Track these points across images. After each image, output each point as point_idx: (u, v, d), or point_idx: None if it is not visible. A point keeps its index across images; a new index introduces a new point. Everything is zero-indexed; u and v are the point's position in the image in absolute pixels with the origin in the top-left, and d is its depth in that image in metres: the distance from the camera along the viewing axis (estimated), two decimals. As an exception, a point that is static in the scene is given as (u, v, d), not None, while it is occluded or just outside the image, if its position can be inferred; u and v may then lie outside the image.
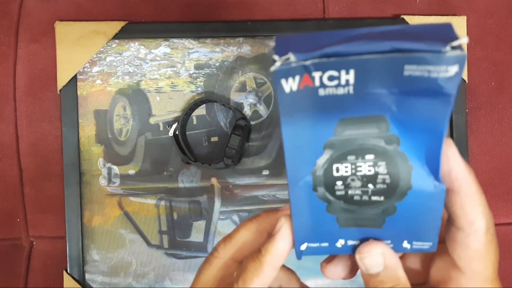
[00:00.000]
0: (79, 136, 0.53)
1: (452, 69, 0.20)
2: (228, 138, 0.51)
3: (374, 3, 0.55)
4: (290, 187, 0.25)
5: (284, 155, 0.24)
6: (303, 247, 0.27)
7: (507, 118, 0.56)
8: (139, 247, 0.53)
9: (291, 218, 0.26)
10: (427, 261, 0.29)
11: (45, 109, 0.54)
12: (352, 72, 0.20)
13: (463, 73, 0.54)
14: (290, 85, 0.21)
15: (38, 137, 0.54)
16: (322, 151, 0.24)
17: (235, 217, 0.54)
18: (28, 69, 0.54)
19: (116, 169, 0.53)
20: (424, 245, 0.26)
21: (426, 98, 0.21)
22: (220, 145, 0.54)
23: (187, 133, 0.54)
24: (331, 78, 0.21)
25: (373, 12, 0.55)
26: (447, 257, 0.27)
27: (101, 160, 0.53)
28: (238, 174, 0.54)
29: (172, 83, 0.53)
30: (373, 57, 0.20)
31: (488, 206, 0.26)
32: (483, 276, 0.26)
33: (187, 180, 0.54)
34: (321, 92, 0.21)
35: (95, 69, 0.53)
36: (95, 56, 0.53)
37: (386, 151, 0.23)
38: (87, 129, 0.53)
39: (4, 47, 0.54)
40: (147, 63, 0.53)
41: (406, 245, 0.26)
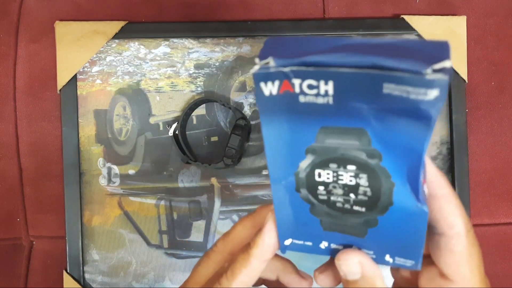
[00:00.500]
0: (79, 136, 0.53)
1: (432, 93, 0.18)
2: (228, 138, 0.51)
3: (374, 3, 0.55)
4: (272, 184, 0.25)
5: (266, 156, 0.24)
6: (288, 242, 0.27)
7: (507, 118, 0.56)
8: (139, 247, 0.53)
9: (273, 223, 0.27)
10: (415, 273, 0.29)
11: (45, 109, 0.54)
12: (330, 83, 0.20)
13: (463, 70, 0.54)
14: (269, 88, 0.21)
15: (38, 137, 0.54)
16: (304, 155, 0.23)
17: (235, 217, 0.54)
18: (28, 69, 0.54)
19: (116, 169, 0.53)
20: (406, 262, 0.26)
21: (406, 118, 0.20)
22: (220, 145, 0.54)
23: (187, 133, 0.54)
24: (310, 87, 0.20)
25: (373, 12, 0.55)
26: (434, 268, 0.27)
27: (101, 160, 0.53)
28: (238, 174, 0.54)
29: (172, 83, 0.53)
30: (350, 71, 0.19)
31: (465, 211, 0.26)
32: (471, 281, 0.26)
33: (187, 180, 0.54)
34: (302, 99, 0.21)
35: (95, 69, 0.53)
36: (95, 56, 0.53)
37: (367, 164, 0.23)
38: (87, 129, 0.53)
39: (4, 47, 0.54)
40: (147, 63, 0.53)
41: (388, 258, 0.26)
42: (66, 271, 0.52)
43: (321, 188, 0.24)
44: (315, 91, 0.20)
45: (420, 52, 0.19)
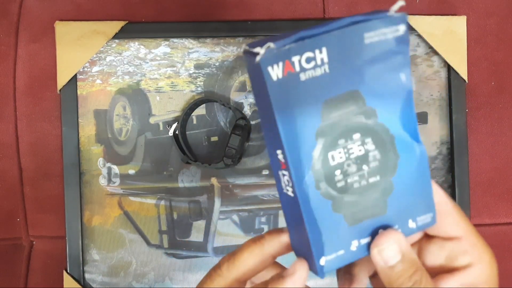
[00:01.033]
0: (79, 136, 0.53)
1: (401, 28, 0.24)
2: (228, 137, 0.51)
3: (374, 3, 0.55)
4: (297, 190, 0.24)
5: (283, 150, 0.23)
6: (322, 261, 0.26)
7: (507, 118, 0.56)
8: (139, 247, 0.53)
9: (305, 261, 0.26)
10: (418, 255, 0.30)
11: (45, 109, 0.54)
12: (324, 50, 0.22)
13: (463, 70, 0.54)
14: (276, 72, 0.22)
15: (38, 137, 0.54)
16: (315, 142, 0.24)
17: (235, 217, 0.54)
18: (28, 69, 0.54)
19: (116, 169, 0.53)
20: (426, 218, 0.27)
21: (387, 60, 0.24)
22: (220, 145, 0.54)
23: (187, 133, 0.54)
24: (308, 60, 0.22)
25: (373, 12, 0.55)
26: (436, 241, 0.28)
27: (101, 160, 0.53)
28: (238, 174, 0.54)
29: (172, 83, 0.53)
30: (337, 32, 0.22)
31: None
32: (473, 232, 0.28)
33: (187, 180, 0.54)
34: (302, 77, 0.23)
35: (95, 69, 0.53)
36: (95, 56, 0.53)
37: (368, 126, 0.24)
38: (87, 129, 0.53)
39: (4, 47, 0.54)
40: (147, 62, 0.53)
41: (412, 224, 0.27)
42: (66, 271, 0.52)
43: (338, 172, 0.25)
44: (313, 63, 0.23)
45: (374, 12, 0.24)
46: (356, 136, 0.24)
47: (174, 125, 0.52)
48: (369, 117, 0.24)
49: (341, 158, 0.24)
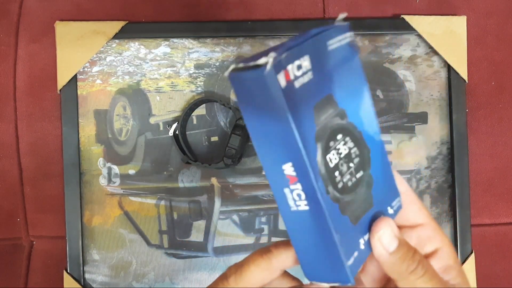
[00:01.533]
0: (79, 136, 0.53)
1: (349, 35, 0.27)
2: (228, 137, 0.51)
3: (374, 3, 0.55)
4: (320, 197, 0.24)
5: (302, 163, 0.23)
6: (350, 262, 0.25)
7: (507, 118, 0.56)
8: (139, 247, 0.53)
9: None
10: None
11: (45, 109, 0.54)
12: (307, 57, 0.24)
13: (463, 70, 0.54)
14: (282, 79, 0.23)
15: (38, 137, 0.54)
16: (316, 147, 0.24)
17: (235, 217, 0.54)
18: (28, 69, 0.54)
19: (116, 169, 0.53)
20: (397, 202, 0.29)
21: (346, 64, 0.26)
22: (220, 145, 0.54)
23: (187, 133, 0.54)
24: (298, 67, 0.23)
25: (373, 12, 0.55)
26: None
27: (101, 160, 0.53)
28: (238, 174, 0.54)
29: (172, 83, 0.53)
30: (312, 40, 0.24)
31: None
32: (433, 220, 0.30)
33: (187, 180, 0.54)
34: (297, 85, 0.23)
35: (95, 69, 0.53)
36: (95, 56, 0.53)
37: (344, 126, 0.26)
38: (87, 129, 0.53)
39: (4, 47, 0.54)
40: (147, 63, 0.53)
41: (390, 211, 0.28)
42: (66, 271, 0.52)
43: (337, 173, 0.25)
44: (301, 71, 0.23)
45: (326, 26, 0.26)
46: (339, 136, 0.26)
47: (174, 125, 0.52)
48: (343, 117, 0.26)
49: (335, 159, 0.25)
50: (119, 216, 0.53)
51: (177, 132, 0.52)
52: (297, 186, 0.24)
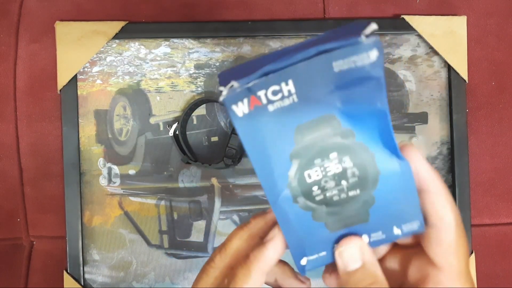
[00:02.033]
0: (79, 136, 0.53)
1: (373, 54, 0.22)
2: (228, 138, 0.51)
3: (374, 3, 0.55)
4: (272, 206, 0.26)
5: (256, 173, 0.25)
6: (303, 261, 0.28)
7: (507, 118, 0.56)
8: (139, 247, 0.53)
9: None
10: (405, 263, 0.30)
11: (45, 109, 0.54)
12: (290, 82, 0.23)
13: (463, 70, 0.54)
14: (241, 108, 0.23)
15: (38, 137, 0.54)
16: (290, 163, 0.25)
17: (235, 217, 0.54)
18: (28, 69, 0.54)
19: (116, 169, 0.53)
20: (412, 225, 0.28)
21: (360, 86, 0.23)
22: (220, 145, 0.54)
23: (187, 133, 0.54)
24: (274, 93, 0.23)
25: (373, 12, 0.55)
26: (424, 256, 0.28)
27: (101, 160, 0.53)
28: (238, 174, 0.54)
29: (172, 83, 0.53)
30: (303, 64, 0.22)
31: (455, 205, 0.28)
32: (457, 269, 0.27)
33: (187, 180, 0.54)
34: (270, 108, 0.23)
35: (95, 69, 0.53)
36: (95, 56, 0.53)
37: (345, 145, 0.25)
38: (87, 129, 0.53)
39: (4, 47, 0.54)
40: (147, 63, 0.53)
41: (397, 231, 0.28)
42: (67, 271, 0.52)
43: (315, 188, 0.26)
44: (279, 95, 0.23)
45: (344, 33, 0.23)
46: (333, 155, 0.25)
47: (174, 125, 0.52)
48: (346, 137, 0.25)
49: (317, 176, 0.26)
50: (119, 216, 0.53)
51: (177, 132, 0.52)
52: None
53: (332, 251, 0.28)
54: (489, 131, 0.56)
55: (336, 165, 0.25)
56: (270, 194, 0.26)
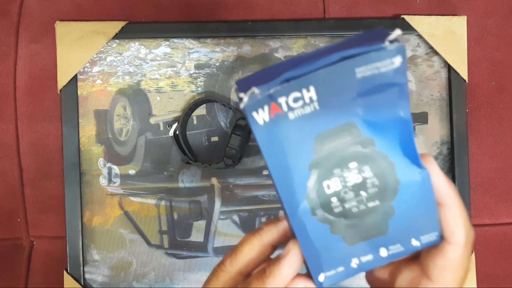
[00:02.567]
0: (79, 136, 0.53)
1: (397, 60, 0.22)
2: (228, 138, 0.51)
3: (374, 3, 0.55)
4: (290, 218, 0.25)
5: (274, 184, 0.24)
6: (321, 278, 0.27)
7: (507, 118, 0.56)
8: (139, 247, 0.53)
9: (297, 242, 0.27)
10: (394, 271, 0.29)
11: (45, 109, 0.54)
12: (312, 88, 0.22)
13: (463, 70, 0.54)
14: (262, 116, 0.23)
15: (38, 137, 0.54)
16: (309, 173, 0.24)
17: (235, 217, 0.54)
18: (28, 69, 0.54)
19: (116, 169, 0.53)
20: (431, 236, 0.27)
21: (383, 93, 0.23)
22: (220, 145, 0.54)
23: (187, 133, 0.54)
24: (296, 100, 0.22)
25: (373, 12, 0.55)
26: (416, 266, 0.28)
27: (101, 160, 0.53)
28: (238, 174, 0.54)
29: (172, 83, 0.53)
30: (325, 70, 0.22)
31: (469, 221, 0.27)
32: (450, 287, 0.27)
33: (187, 180, 0.54)
34: (291, 116, 0.23)
35: (95, 69, 0.53)
36: (95, 56, 0.53)
37: (365, 154, 0.24)
38: (87, 129, 0.53)
39: (4, 47, 0.54)
40: (147, 63, 0.53)
41: (415, 243, 0.27)
42: (67, 271, 0.52)
43: (334, 200, 0.25)
44: (300, 102, 0.23)
45: (367, 39, 0.22)
46: (353, 164, 0.25)
47: (175, 125, 0.52)
48: (366, 146, 0.24)
49: (337, 186, 0.25)
50: (119, 216, 0.53)
51: (177, 132, 0.52)
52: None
53: (350, 266, 0.27)
54: (489, 131, 0.56)
55: (355, 175, 0.25)
56: (288, 206, 0.25)
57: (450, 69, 0.54)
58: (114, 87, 0.53)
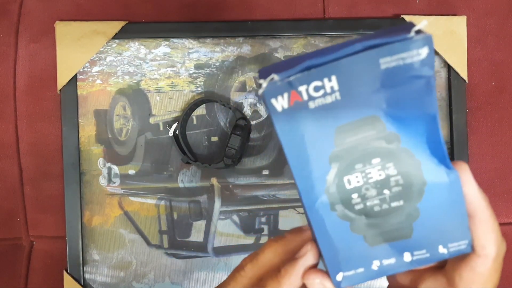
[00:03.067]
0: (79, 136, 0.53)
1: (424, 51, 0.21)
2: (228, 138, 0.51)
3: (374, 3, 0.55)
4: (308, 212, 0.24)
5: (292, 174, 0.24)
6: (339, 277, 0.26)
7: (507, 118, 0.56)
8: (139, 247, 0.53)
9: (315, 243, 0.26)
10: (417, 278, 0.29)
11: (45, 109, 0.54)
12: (334, 78, 0.21)
13: (463, 70, 0.54)
14: (281, 103, 0.22)
15: (38, 137, 0.54)
16: (329, 166, 0.23)
17: (235, 217, 0.54)
18: (28, 69, 0.54)
19: (116, 169, 0.53)
20: (460, 245, 0.26)
21: (408, 86, 0.22)
22: (220, 145, 0.54)
23: (187, 133, 0.54)
24: (316, 89, 0.22)
25: (373, 12, 0.55)
26: (441, 276, 0.27)
27: (101, 160, 0.53)
28: (238, 174, 0.54)
29: (172, 83, 0.53)
30: (348, 59, 0.21)
31: (501, 235, 0.26)
32: None
33: (187, 180, 0.54)
34: (311, 105, 0.22)
35: (95, 69, 0.53)
36: (95, 56, 0.53)
37: (389, 151, 0.23)
38: (87, 129, 0.53)
39: (4, 47, 0.54)
40: (147, 63, 0.53)
41: (442, 250, 0.26)
42: (66, 271, 0.52)
43: (355, 196, 0.24)
44: (321, 91, 0.22)
45: (392, 31, 0.21)
46: (376, 160, 0.23)
47: (174, 125, 0.52)
48: (391, 142, 0.23)
49: (358, 182, 0.24)
50: (119, 216, 0.53)
51: (177, 132, 0.52)
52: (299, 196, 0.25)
53: (370, 268, 0.26)
54: (489, 131, 0.55)
55: (378, 171, 0.24)
56: (306, 198, 0.24)
57: (450, 69, 0.54)
58: (114, 87, 0.53)
